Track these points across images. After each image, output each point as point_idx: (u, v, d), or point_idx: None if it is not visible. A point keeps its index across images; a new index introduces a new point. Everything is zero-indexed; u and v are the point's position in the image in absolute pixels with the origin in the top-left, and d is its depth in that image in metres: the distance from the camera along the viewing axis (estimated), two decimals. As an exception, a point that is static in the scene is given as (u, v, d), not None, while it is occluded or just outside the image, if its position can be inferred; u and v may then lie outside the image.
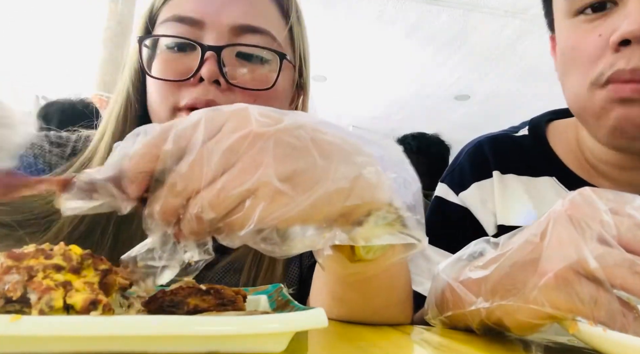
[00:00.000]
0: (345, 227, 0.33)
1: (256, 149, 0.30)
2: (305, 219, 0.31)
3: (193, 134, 0.30)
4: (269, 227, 0.31)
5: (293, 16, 0.67)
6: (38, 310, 0.27)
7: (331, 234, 0.32)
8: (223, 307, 0.33)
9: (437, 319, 0.48)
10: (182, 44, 0.60)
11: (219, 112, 0.32)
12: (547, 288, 0.34)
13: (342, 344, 0.38)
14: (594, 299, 0.33)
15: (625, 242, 0.33)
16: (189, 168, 0.29)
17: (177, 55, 0.60)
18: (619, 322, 0.32)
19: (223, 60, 0.58)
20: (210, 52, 0.57)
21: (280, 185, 0.30)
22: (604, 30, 0.53)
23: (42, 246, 0.32)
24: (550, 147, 0.70)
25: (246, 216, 0.29)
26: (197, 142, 0.30)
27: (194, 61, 0.58)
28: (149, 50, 0.63)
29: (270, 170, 0.30)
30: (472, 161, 0.74)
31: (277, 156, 0.30)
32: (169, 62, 0.60)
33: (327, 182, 0.31)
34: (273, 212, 0.30)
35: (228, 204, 0.29)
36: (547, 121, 0.74)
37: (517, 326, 0.38)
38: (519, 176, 0.70)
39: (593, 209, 0.35)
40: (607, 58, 0.52)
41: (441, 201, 0.74)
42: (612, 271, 0.32)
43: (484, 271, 0.40)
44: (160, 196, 0.30)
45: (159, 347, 0.27)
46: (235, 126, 0.31)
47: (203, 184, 0.29)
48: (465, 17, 3.30)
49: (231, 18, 0.59)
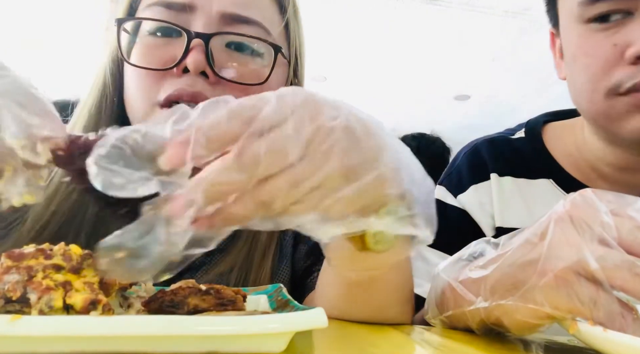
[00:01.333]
0: (362, 216, 0.33)
1: (327, 142, 0.30)
2: (353, 206, 0.31)
3: (268, 117, 0.29)
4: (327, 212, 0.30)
5: (290, 11, 0.62)
6: (38, 310, 0.27)
7: (352, 220, 0.32)
8: (223, 307, 0.33)
9: (437, 319, 0.48)
10: (166, 29, 0.54)
11: (290, 96, 0.31)
12: (547, 288, 0.34)
13: (342, 344, 0.38)
14: (594, 300, 0.33)
15: (626, 244, 0.33)
16: (268, 152, 0.28)
17: (160, 42, 0.54)
18: (618, 323, 0.32)
19: (211, 50, 0.53)
20: (197, 39, 0.52)
21: (342, 180, 0.30)
22: (618, 40, 0.53)
23: (42, 246, 0.32)
24: (546, 150, 0.71)
25: (309, 206, 0.29)
26: (269, 124, 0.28)
27: (178, 49, 0.53)
28: (130, 37, 0.57)
29: (336, 164, 0.30)
30: (469, 163, 0.75)
31: (343, 149, 0.30)
32: (150, 49, 0.55)
33: (375, 172, 0.32)
34: (332, 203, 0.30)
35: (297, 195, 0.29)
36: (544, 122, 0.75)
37: (516, 326, 0.38)
38: (516, 178, 0.71)
39: (594, 211, 0.35)
40: (624, 69, 0.53)
41: (439, 203, 0.75)
42: (612, 272, 0.32)
43: (483, 271, 0.40)
44: (224, 169, 0.27)
45: (159, 347, 0.27)
46: (309, 116, 0.30)
47: (277, 171, 0.28)
48: (465, 16, 3.30)
49: (223, 5, 0.55)
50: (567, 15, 0.60)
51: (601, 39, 0.54)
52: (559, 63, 0.67)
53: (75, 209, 0.55)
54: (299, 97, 0.31)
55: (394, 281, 0.49)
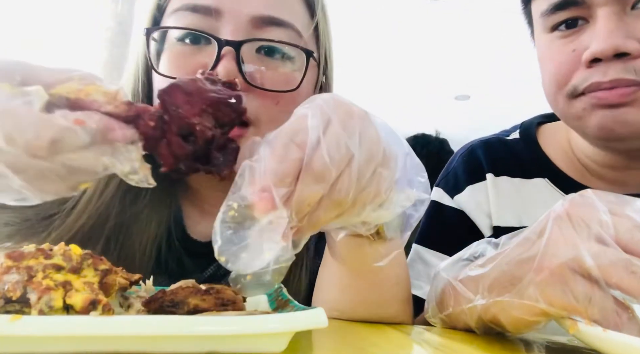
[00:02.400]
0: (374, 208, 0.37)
1: (369, 130, 0.35)
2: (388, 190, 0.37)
3: (314, 126, 0.33)
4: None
5: (319, 11, 0.60)
6: (38, 310, 0.27)
7: (370, 210, 0.37)
8: (223, 307, 0.33)
9: (436, 318, 0.48)
10: (195, 36, 0.52)
11: (320, 100, 0.35)
12: (543, 284, 0.35)
13: (342, 344, 0.38)
14: (589, 297, 0.33)
15: (623, 242, 0.33)
16: (329, 155, 0.32)
17: (189, 50, 0.53)
18: (613, 321, 0.32)
19: (242, 57, 0.51)
20: (227, 47, 0.50)
21: (385, 163, 0.35)
22: (577, 45, 0.56)
23: (42, 246, 0.32)
24: (541, 150, 0.72)
25: (371, 192, 0.34)
26: (317, 132, 0.33)
27: (208, 57, 0.51)
28: (157, 44, 0.55)
29: (381, 147, 0.35)
30: (465, 164, 0.76)
31: (378, 135, 0.35)
32: (179, 57, 0.53)
33: (394, 155, 0.37)
34: (386, 186, 0.35)
35: (362, 183, 0.34)
36: (538, 124, 0.76)
37: (512, 323, 0.38)
38: (512, 178, 0.72)
39: (592, 209, 0.35)
40: (580, 73, 0.56)
41: (437, 205, 0.76)
42: (608, 269, 0.32)
43: (482, 269, 0.41)
44: (303, 186, 0.32)
45: (159, 347, 0.27)
46: (346, 112, 0.35)
47: (343, 167, 0.33)
48: (465, 16, 3.30)
49: (252, 8, 0.52)
50: (537, 27, 0.64)
51: (562, 46, 0.58)
52: None
53: (103, 214, 0.55)
54: (328, 100, 0.36)
55: (393, 275, 0.50)
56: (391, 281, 0.50)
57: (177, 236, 0.61)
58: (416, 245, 0.76)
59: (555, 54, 0.59)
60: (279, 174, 0.31)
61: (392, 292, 0.50)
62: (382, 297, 0.49)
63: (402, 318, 0.51)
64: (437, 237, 0.73)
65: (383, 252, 0.44)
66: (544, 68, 0.62)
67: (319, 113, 0.33)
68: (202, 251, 0.61)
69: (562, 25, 0.58)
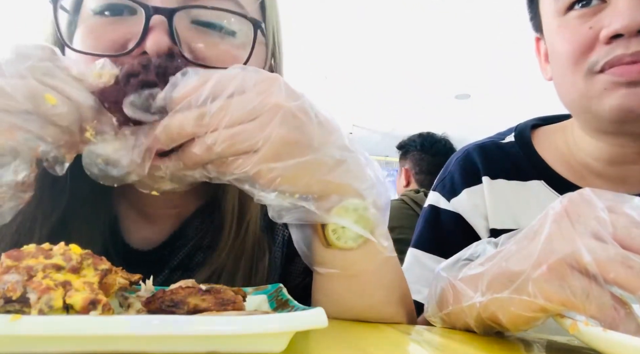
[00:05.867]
0: (319, 205, 0.40)
1: (275, 115, 0.37)
2: (288, 181, 0.38)
3: (228, 84, 0.37)
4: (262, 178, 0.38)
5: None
6: (38, 310, 0.27)
7: (300, 199, 0.39)
8: (223, 307, 0.33)
9: (436, 317, 0.48)
10: (116, 5, 0.44)
11: (256, 73, 0.39)
12: (541, 280, 0.35)
13: (341, 344, 0.38)
14: (586, 293, 0.33)
15: (621, 239, 0.33)
16: (218, 109, 0.36)
17: (109, 21, 0.45)
18: (610, 317, 0.32)
19: (176, 28, 0.43)
20: (157, 16, 0.42)
21: (281, 148, 0.37)
22: (594, 23, 0.56)
23: (41, 246, 0.32)
24: (537, 153, 0.72)
25: (245, 162, 0.37)
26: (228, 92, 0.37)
27: (134, 28, 0.43)
28: (69, 16, 0.47)
29: (278, 135, 0.37)
30: (461, 168, 0.77)
31: (288, 125, 0.37)
32: (98, 30, 0.45)
33: (316, 154, 0.39)
34: (269, 166, 0.37)
35: (237, 147, 0.37)
36: (532, 127, 0.76)
37: (510, 320, 0.38)
38: (509, 180, 0.72)
39: (590, 207, 0.36)
40: (600, 48, 0.56)
41: (433, 208, 0.77)
42: (606, 265, 0.32)
43: (481, 267, 0.41)
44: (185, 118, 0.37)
45: (159, 347, 0.27)
46: (264, 90, 0.38)
47: (224, 125, 0.36)
48: (465, 16, 3.30)
49: None
50: (548, 14, 0.64)
51: (578, 25, 0.58)
52: (544, 67, 0.71)
53: (40, 209, 0.50)
54: (263, 74, 0.39)
55: (384, 279, 0.49)
56: (382, 284, 0.49)
57: (116, 249, 0.55)
58: (413, 249, 0.76)
59: (570, 33, 0.59)
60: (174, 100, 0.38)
61: (383, 296, 0.49)
62: (371, 301, 0.49)
63: (398, 318, 0.51)
64: (434, 241, 0.74)
65: (347, 261, 0.45)
66: (558, 52, 0.62)
67: (246, 77, 0.38)
68: (148, 259, 0.56)
69: (577, 4, 0.58)
